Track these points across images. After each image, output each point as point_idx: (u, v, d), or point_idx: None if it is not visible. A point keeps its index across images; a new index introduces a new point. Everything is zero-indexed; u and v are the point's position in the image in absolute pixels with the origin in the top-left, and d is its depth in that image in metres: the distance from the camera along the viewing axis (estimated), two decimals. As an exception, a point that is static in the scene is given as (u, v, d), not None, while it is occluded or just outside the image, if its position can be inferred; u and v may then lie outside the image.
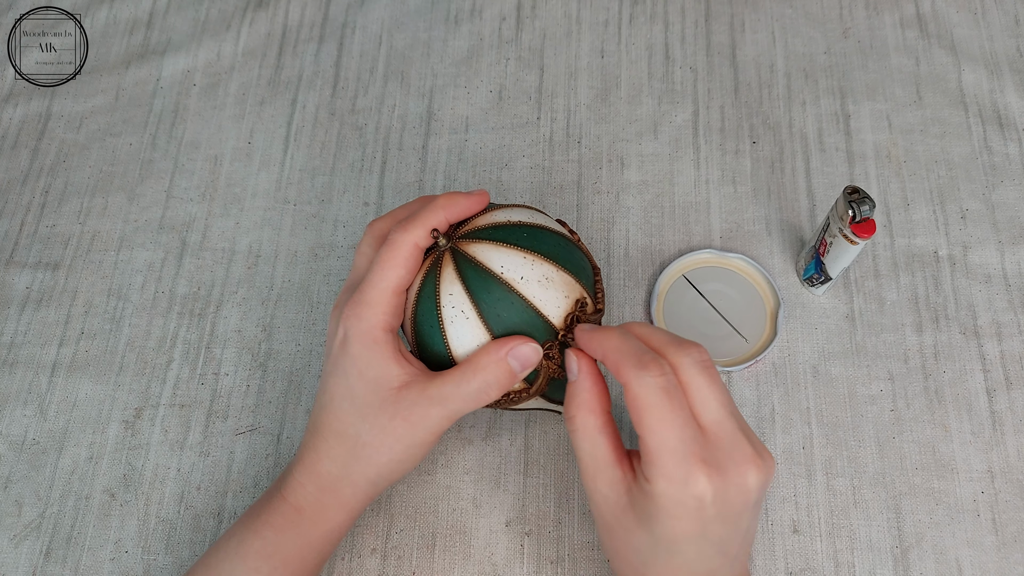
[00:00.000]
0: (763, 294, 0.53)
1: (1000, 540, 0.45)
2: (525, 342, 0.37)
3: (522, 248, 0.38)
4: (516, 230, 0.39)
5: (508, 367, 0.37)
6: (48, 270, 0.57)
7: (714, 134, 0.58)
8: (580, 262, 0.41)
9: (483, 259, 0.38)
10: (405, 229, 0.38)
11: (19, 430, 0.52)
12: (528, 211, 0.41)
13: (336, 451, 0.40)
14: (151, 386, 0.53)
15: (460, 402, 0.38)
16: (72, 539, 0.49)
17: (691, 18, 0.63)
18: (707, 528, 0.34)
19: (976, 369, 0.50)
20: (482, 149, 0.59)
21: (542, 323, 0.38)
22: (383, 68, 0.63)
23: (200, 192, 0.59)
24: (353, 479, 0.40)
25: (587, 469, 0.36)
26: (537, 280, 0.38)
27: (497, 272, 0.38)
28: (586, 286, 0.40)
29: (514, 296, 0.38)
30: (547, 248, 0.39)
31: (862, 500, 0.47)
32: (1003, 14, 0.61)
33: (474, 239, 0.39)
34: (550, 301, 0.38)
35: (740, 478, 0.33)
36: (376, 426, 0.39)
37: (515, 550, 0.47)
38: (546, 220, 0.41)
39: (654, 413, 0.33)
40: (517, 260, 0.38)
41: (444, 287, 0.38)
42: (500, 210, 0.40)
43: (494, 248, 0.38)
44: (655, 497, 0.33)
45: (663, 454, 0.33)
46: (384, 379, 0.38)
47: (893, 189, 0.55)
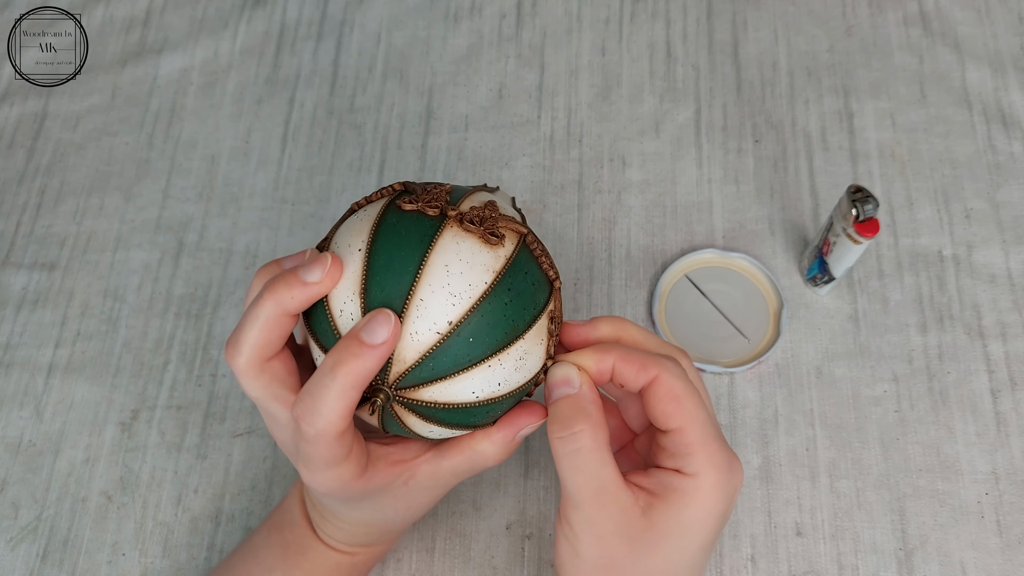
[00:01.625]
0: (766, 294, 0.52)
1: (1005, 542, 0.45)
2: (528, 422, 0.33)
3: (480, 361, 0.31)
4: (458, 343, 0.30)
5: (516, 444, 0.34)
6: (44, 271, 0.57)
7: (716, 133, 0.58)
8: (528, 289, 0.32)
9: (448, 399, 0.31)
10: (312, 425, 0.30)
11: (15, 432, 0.52)
12: (437, 274, 0.30)
13: (367, 530, 0.39)
14: (148, 388, 0.52)
15: (473, 472, 0.35)
16: (69, 542, 0.48)
17: (693, 16, 0.62)
18: (717, 535, 0.33)
19: (981, 370, 0.49)
20: (482, 148, 0.59)
21: (535, 378, 0.33)
22: (382, 66, 0.62)
23: (197, 192, 0.59)
24: (392, 532, 0.41)
25: (586, 497, 0.31)
26: (515, 369, 0.32)
27: (472, 400, 0.31)
28: (544, 299, 0.33)
29: (502, 400, 0.32)
30: (501, 331, 0.31)
31: (866, 502, 0.46)
32: (1007, 12, 0.60)
33: (418, 384, 0.31)
34: (533, 366, 0.33)
35: (740, 469, 0.33)
36: (399, 510, 0.37)
37: (515, 553, 0.46)
38: (467, 274, 0.31)
39: (693, 401, 0.32)
40: (485, 375, 0.31)
41: (419, 430, 0.33)
42: (414, 313, 0.30)
43: (452, 382, 0.31)
44: (700, 493, 0.31)
45: (711, 440, 0.31)
46: (388, 490, 0.35)
47: (897, 188, 0.55)
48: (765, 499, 0.47)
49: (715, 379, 0.50)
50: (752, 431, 0.49)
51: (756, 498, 0.47)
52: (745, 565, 0.45)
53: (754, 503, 0.47)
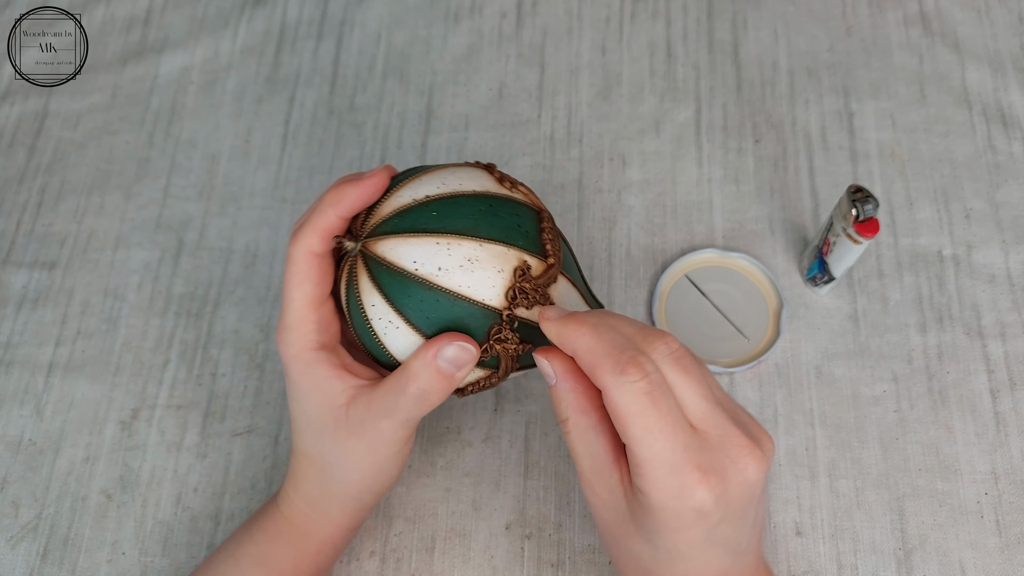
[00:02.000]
0: (766, 294, 0.52)
1: (1004, 542, 0.45)
2: (451, 341, 0.34)
3: (433, 232, 0.34)
4: (423, 211, 0.34)
5: (440, 369, 0.34)
6: (44, 269, 0.57)
7: (716, 132, 0.58)
8: (511, 220, 0.35)
9: (394, 258, 0.34)
10: (295, 240, 0.35)
11: (15, 431, 0.52)
12: (440, 175, 0.36)
13: (310, 472, 0.40)
14: (148, 387, 0.52)
15: (405, 411, 0.35)
16: (69, 540, 0.48)
17: (693, 15, 0.62)
18: (713, 533, 0.32)
19: (980, 370, 0.49)
20: (482, 147, 0.59)
21: (479, 310, 0.34)
22: (382, 65, 0.62)
23: (197, 191, 0.59)
24: (335, 497, 0.40)
25: (584, 473, 0.34)
26: (459, 266, 0.33)
27: (411, 270, 0.34)
28: (525, 246, 0.35)
29: (437, 292, 0.34)
30: (463, 222, 0.34)
31: (865, 502, 0.46)
32: (1007, 12, 0.60)
33: (381, 235, 0.34)
34: (481, 284, 0.34)
35: (740, 475, 0.31)
36: (335, 447, 0.38)
37: (515, 553, 0.47)
38: (463, 179, 0.36)
39: (639, 422, 0.30)
40: (430, 249, 0.34)
41: (365, 299, 0.35)
42: (407, 185, 0.35)
43: (403, 241, 0.34)
44: (651, 510, 0.31)
45: (655, 466, 0.30)
46: (329, 399, 0.36)
47: (897, 188, 0.55)
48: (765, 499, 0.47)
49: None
50: (752, 431, 0.49)
51: (755, 498, 0.47)
52: (744, 564, 0.45)
53: (753, 503, 0.47)
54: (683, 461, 0.30)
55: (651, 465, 0.30)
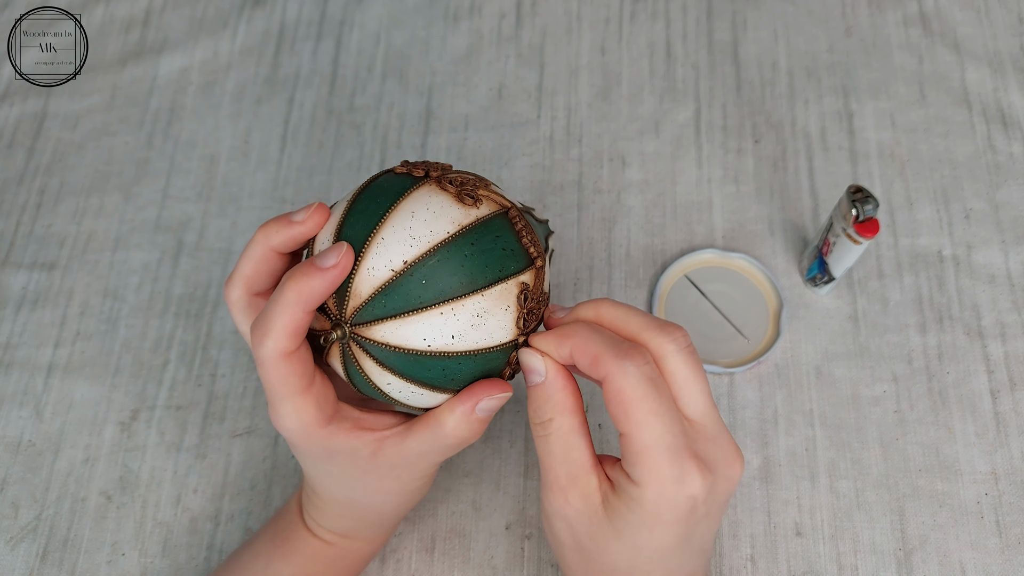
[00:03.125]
0: (766, 294, 0.52)
1: (1004, 543, 0.45)
2: (487, 394, 0.33)
3: (432, 305, 0.31)
4: (410, 282, 0.31)
5: (477, 419, 0.33)
6: (44, 270, 0.57)
7: (716, 133, 0.58)
8: (496, 248, 0.33)
9: (399, 342, 0.31)
10: (262, 343, 0.31)
11: (15, 432, 0.52)
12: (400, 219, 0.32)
13: (341, 511, 0.40)
14: (147, 388, 0.52)
15: (440, 455, 0.35)
16: (68, 541, 0.48)
17: (692, 15, 0.62)
18: (695, 530, 0.32)
19: (980, 370, 0.49)
20: (481, 148, 0.59)
21: (499, 352, 0.33)
22: (381, 66, 0.62)
23: (197, 192, 0.59)
24: (370, 522, 0.41)
25: (558, 480, 0.32)
26: (470, 325, 0.32)
27: (424, 349, 0.31)
28: (516, 268, 0.33)
29: (456, 358, 0.32)
30: (457, 280, 0.31)
31: (865, 502, 0.46)
32: (1007, 12, 0.60)
33: (372, 321, 0.31)
34: (495, 331, 0.32)
35: (728, 470, 0.31)
36: (369, 490, 0.38)
37: (515, 553, 0.46)
38: (428, 220, 0.32)
39: (643, 406, 0.30)
40: (436, 323, 0.31)
41: (377, 380, 0.33)
42: (373, 249, 0.31)
43: (403, 323, 0.31)
44: (644, 502, 0.30)
45: (657, 451, 0.30)
46: (352, 457, 0.35)
47: (896, 188, 0.55)
48: (764, 499, 0.47)
49: (715, 379, 0.50)
50: (752, 431, 0.49)
51: (756, 498, 0.47)
52: (745, 565, 0.45)
53: (753, 503, 0.47)
54: (683, 447, 0.30)
55: (653, 450, 0.30)
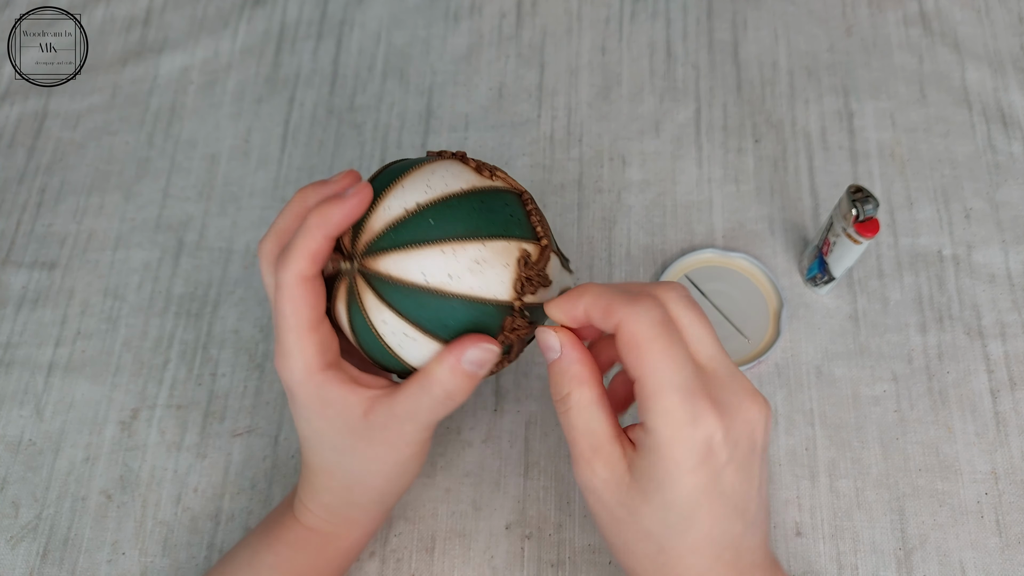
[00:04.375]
0: (766, 294, 0.52)
1: (1004, 542, 0.45)
2: (474, 344, 0.34)
3: (436, 241, 0.33)
4: (420, 220, 0.34)
5: (464, 371, 0.34)
6: (44, 270, 0.57)
7: (716, 132, 0.58)
8: (504, 212, 0.35)
9: (400, 274, 0.33)
10: (284, 266, 0.33)
11: (15, 431, 0.52)
12: (422, 177, 0.35)
13: (330, 484, 0.40)
14: (148, 387, 0.52)
15: (429, 413, 0.36)
16: (69, 541, 0.48)
17: (693, 15, 0.62)
18: (721, 478, 0.31)
19: (980, 370, 0.49)
20: (482, 147, 0.59)
21: (493, 307, 0.34)
22: (382, 65, 0.62)
23: (197, 191, 0.59)
24: (357, 503, 0.40)
25: (583, 452, 0.33)
26: (468, 269, 0.34)
27: (421, 283, 0.33)
28: (521, 235, 0.35)
29: (451, 299, 0.34)
30: (463, 225, 0.34)
31: (865, 502, 0.46)
32: (1007, 12, 0.60)
33: (379, 252, 0.34)
34: (491, 282, 0.34)
35: (745, 413, 0.31)
36: (357, 456, 0.38)
37: (515, 553, 0.46)
38: (446, 178, 0.35)
39: (655, 347, 0.30)
40: (436, 259, 0.33)
41: (374, 316, 0.34)
42: (391, 194, 0.35)
43: (405, 255, 0.33)
44: (661, 449, 0.31)
45: (668, 392, 0.30)
46: (345, 413, 0.36)
47: (897, 188, 0.55)
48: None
49: (715, 379, 0.50)
50: (752, 431, 0.49)
51: (756, 498, 0.47)
52: (744, 565, 0.45)
53: (754, 503, 0.47)
54: (695, 388, 0.31)
55: (664, 390, 0.30)
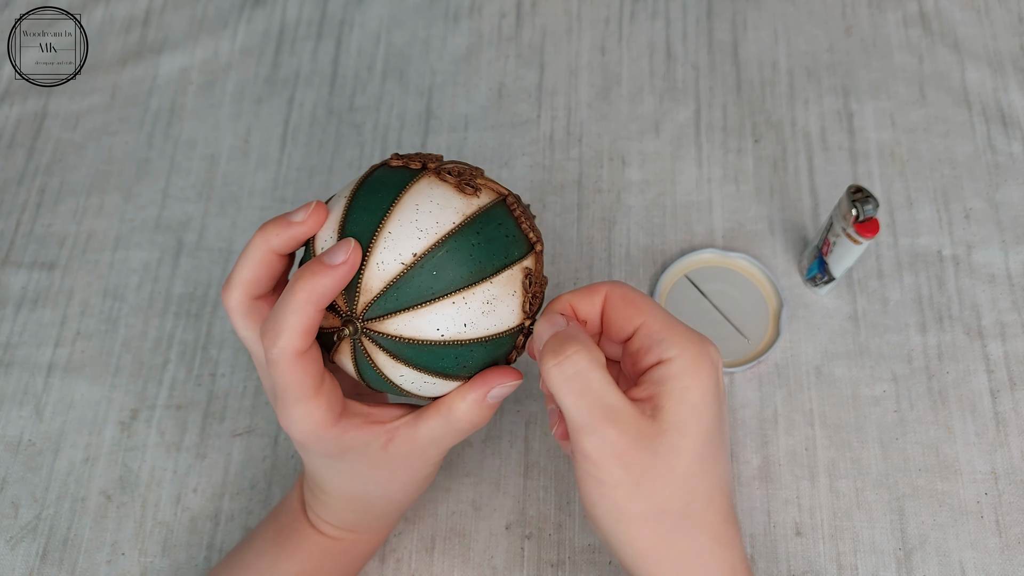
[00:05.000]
0: (766, 294, 0.52)
1: (1004, 542, 0.45)
2: (500, 382, 0.34)
3: (444, 295, 0.31)
4: (421, 275, 0.31)
5: (488, 405, 0.34)
6: (44, 270, 0.57)
7: (716, 132, 0.58)
8: (500, 236, 0.33)
9: (412, 333, 0.32)
10: (274, 343, 0.31)
11: (15, 431, 0.52)
12: (407, 212, 0.32)
13: (349, 506, 0.40)
14: (147, 387, 0.52)
15: (452, 439, 0.36)
16: (68, 541, 0.48)
17: (693, 15, 0.62)
18: (721, 406, 0.33)
19: (980, 370, 0.49)
20: (482, 147, 0.59)
21: (508, 337, 0.34)
22: (381, 66, 0.62)
23: (197, 191, 0.59)
24: (378, 514, 0.41)
25: (599, 419, 0.31)
26: (481, 313, 0.32)
27: (437, 339, 0.32)
28: (519, 254, 0.34)
29: (468, 346, 0.32)
30: (467, 269, 0.32)
31: (865, 502, 0.46)
32: (1007, 12, 0.60)
33: (384, 315, 0.32)
34: (504, 317, 0.33)
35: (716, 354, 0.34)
36: (380, 482, 0.38)
37: (515, 553, 0.46)
38: (435, 213, 0.32)
39: (645, 299, 0.34)
40: (448, 312, 0.32)
41: (390, 372, 0.33)
42: (380, 245, 0.32)
43: (415, 315, 0.31)
44: (689, 369, 0.32)
45: (674, 324, 0.33)
46: (364, 451, 0.36)
47: (896, 188, 0.55)
48: (764, 499, 0.47)
49: (715, 379, 0.50)
50: (752, 431, 0.49)
51: (755, 498, 0.47)
52: (744, 565, 0.45)
53: (753, 503, 0.47)
54: (687, 325, 0.34)
55: (672, 323, 0.33)
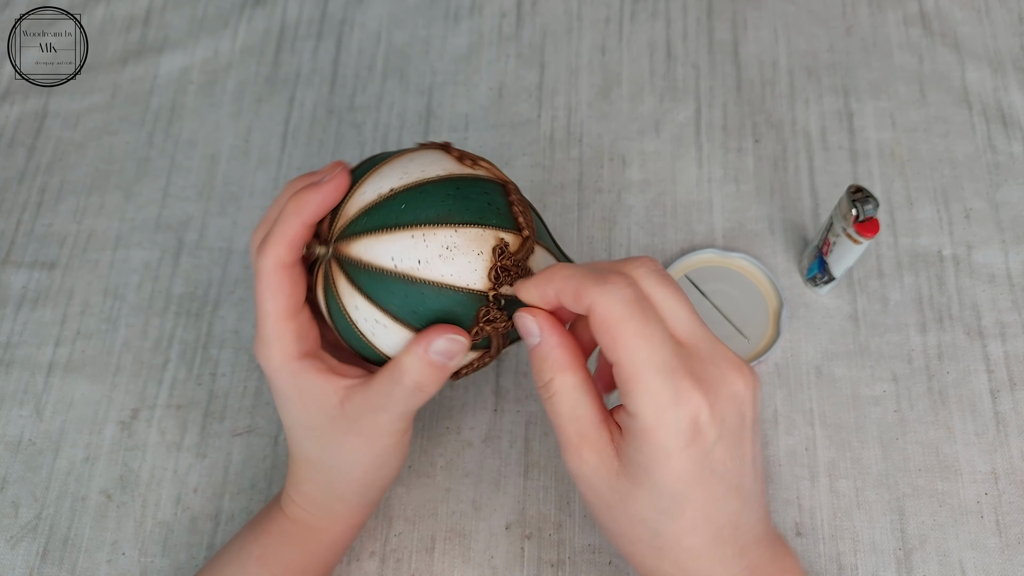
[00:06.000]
0: (766, 294, 0.52)
1: (1004, 542, 0.45)
2: (440, 335, 0.33)
3: (406, 226, 0.33)
4: (391, 205, 0.34)
5: (433, 362, 0.34)
6: (44, 269, 0.57)
7: (716, 132, 0.58)
8: (481, 200, 0.35)
9: (370, 258, 0.33)
10: (263, 253, 0.34)
11: (15, 431, 0.52)
12: (400, 164, 0.35)
13: (311, 475, 0.40)
14: (148, 387, 0.52)
15: (401, 404, 0.35)
16: (69, 541, 0.48)
17: (693, 15, 0.62)
18: (711, 457, 0.30)
19: (980, 370, 0.49)
20: (482, 147, 0.59)
21: (465, 296, 0.34)
22: (382, 65, 0.62)
23: (197, 191, 0.59)
24: (339, 495, 0.40)
25: (570, 439, 0.32)
26: (438, 255, 0.33)
27: (390, 268, 0.33)
28: (499, 224, 0.35)
29: (420, 286, 0.33)
30: (434, 211, 0.34)
31: (865, 502, 0.46)
32: (1007, 12, 0.60)
33: (352, 236, 0.34)
34: (463, 270, 0.33)
35: (730, 388, 0.31)
36: (334, 446, 0.38)
37: (515, 553, 0.46)
38: (424, 165, 0.35)
39: (629, 327, 0.29)
40: (406, 244, 0.33)
41: (347, 302, 0.34)
42: (369, 180, 0.35)
43: (376, 239, 0.33)
44: (645, 433, 0.30)
45: (646, 373, 0.29)
46: (321, 402, 0.36)
47: (897, 188, 0.55)
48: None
49: (715, 379, 0.50)
50: (751, 431, 0.49)
51: (755, 498, 0.47)
52: (744, 565, 0.45)
53: (753, 503, 0.47)
54: (676, 366, 0.30)
55: (644, 373, 0.29)
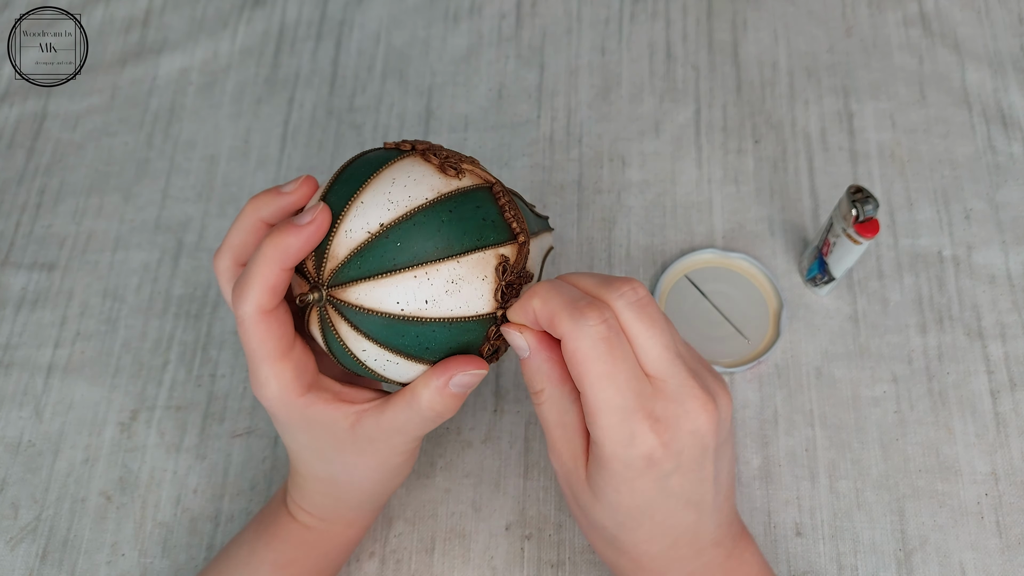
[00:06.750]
0: (766, 295, 0.52)
1: (1004, 543, 0.45)
2: (461, 369, 0.33)
3: (406, 267, 0.31)
4: (386, 244, 0.31)
5: (452, 394, 0.34)
6: (44, 271, 0.57)
7: (716, 133, 0.58)
8: (475, 217, 0.33)
9: (373, 304, 0.32)
10: (241, 300, 0.32)
11: (15, 432, 0.52)
12: (381, 186, 0.32)
13: (319, 488, 0.40)
14: (147, 388, 0.52)
15: (417, 429, 0.35)
16: (68, 542, 0.48)
17: (693, 16, 0.62)
18: (667, 484, 0.32)
19: (980, 371, 0.49)
20: (481, 148, 0.59)
21: (474, 323, 0.33)
22: (381, 66, 0.62)
23: (197, 192, 0.59)
24: (350, 504, 0.41)
25: (555, 442, 0.34)
26: (444, 291, 0.32)
27: (397, 312, 0.32)
28: (496, 239, 0.33)
29: (429, 325, 0.32)
30: (432, 244, 0.32)
31: (865, 503, 0.46)
32: (1007, 12, 0.60)
33: (347, 282, 0.32)
34: (470, 299, 0.32)
35: (691, 424, 0.31)
36: (347, 465, 0.38)
37: (515, 554, 0.46)
38: (408, 186, 0.32)
39: (595, 368, 0.30)
40: (409, 286, 0.31)
41: (353, 346, 0.33)
42: (352, 212, 0.32)
43: (376, 284, 0.31)
44: (604, 461, 0.31)
45: (606, 412, 0.30)
46: (331, 428, 0.35)
47: (897, 189, 0.55)
48: (765, 499, 0.47)
49: (715, 379, 0.50)
50: (752, 431, 0.49)
51: (756, 498, 0.47)
52: (744, 566, 0.45)
53: (753, 503, 0.47)
54: (635, 408, 0.31)
55: (603, 412, 0.31)
